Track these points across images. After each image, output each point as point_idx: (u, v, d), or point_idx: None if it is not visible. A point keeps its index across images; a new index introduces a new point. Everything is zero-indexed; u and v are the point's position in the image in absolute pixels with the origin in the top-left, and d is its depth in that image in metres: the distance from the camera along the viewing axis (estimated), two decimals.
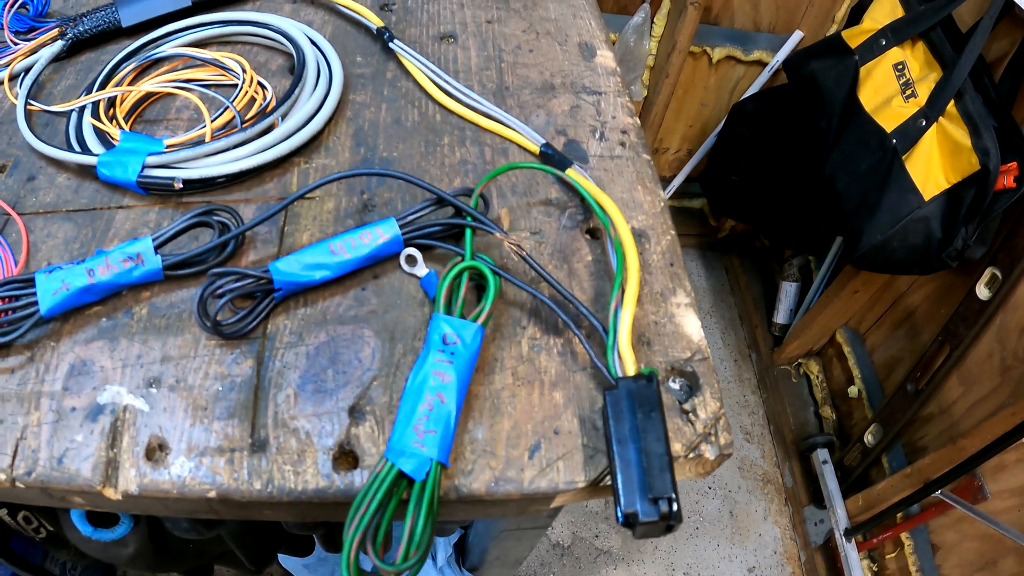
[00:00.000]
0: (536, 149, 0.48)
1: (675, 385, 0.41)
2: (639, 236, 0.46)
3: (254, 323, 0.40)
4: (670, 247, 0.46)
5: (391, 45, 0.53)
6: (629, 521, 0.33)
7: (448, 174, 0.47)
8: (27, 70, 0.55)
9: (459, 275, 0.39)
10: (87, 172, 0.49)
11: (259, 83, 0.51)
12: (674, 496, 0.33)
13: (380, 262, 0.42)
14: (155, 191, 0.47)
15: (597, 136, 0.51)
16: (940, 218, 0.97)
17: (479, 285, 0.41)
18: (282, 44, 0.54)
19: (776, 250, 1.50)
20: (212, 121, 0.48)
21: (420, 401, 0.35)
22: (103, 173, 0.47)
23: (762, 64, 1.25)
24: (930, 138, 0.97)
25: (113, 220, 0.46)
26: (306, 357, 0.39)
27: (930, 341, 1.06)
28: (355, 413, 0.37)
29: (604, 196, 0.43)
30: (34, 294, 0.40)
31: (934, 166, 0.97)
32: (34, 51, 0.56)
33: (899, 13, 1.03)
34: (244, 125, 0.47)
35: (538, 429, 0.38)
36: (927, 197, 0.97)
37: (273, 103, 0.49)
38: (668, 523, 0.33)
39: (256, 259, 0.43)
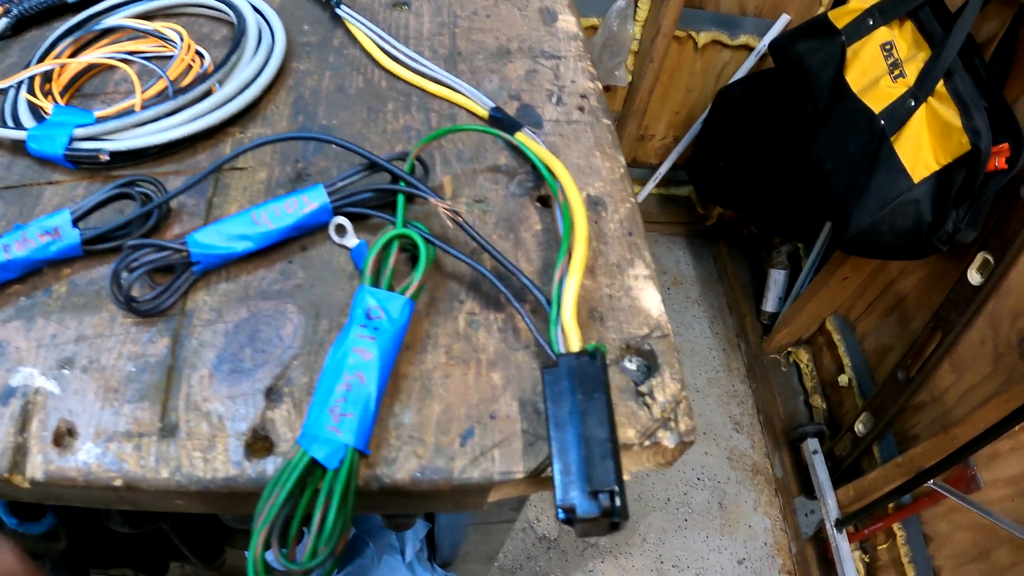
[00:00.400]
0: (485, 113, 0.44)
1: (630, 365, 0.37)
2: (595, 204, 0.41)
3: (171, 299, 0.36)
4: (629, 215, 0.42)
5: (338, 11, 0.49)
6: (568, 517, 0.29)
7: (389, 141, 0.43)
8: None
9: (388, 244, 0.35)
10: (19, 148, 0.45)
11: (197, 51, 0.47)
12: (617, 489, 0.29)
13: (309, 233, 0.38)
14: (84, 165, 0.43)
15: (554, 100, 0.46)
16: (930, 200, 0.92)
17: (414, 256, 0.37)
18: (227, 14, 0.50)
19: (764, 237, 1.46)
20: (144, 91, 0.44)
21: (338, 381, 0.31)
22: (32, 147, 0.43)
23: (749, 49, 1.21)
24: (919, 119, 0.92)
25: (41, 196, 0.43)
26: (224, 335, 0.35)
27: (921, 328, 1.01)
28: (272, 395, 0.33)
29: (554, 159, 0.39)
30: None
31: (924, 147, 0.92)
32: None
33: None
34: (176, 93, 0.43)
35: (472, 413, 0.33)
36: (917, 179, 0.92)
37: (211, 69, 0.45)
38: (611, 520, 0.28)
39: (182, 232, 0.39)
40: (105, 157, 0.42)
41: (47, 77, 0.48)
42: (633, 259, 0.40)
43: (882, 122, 0.93)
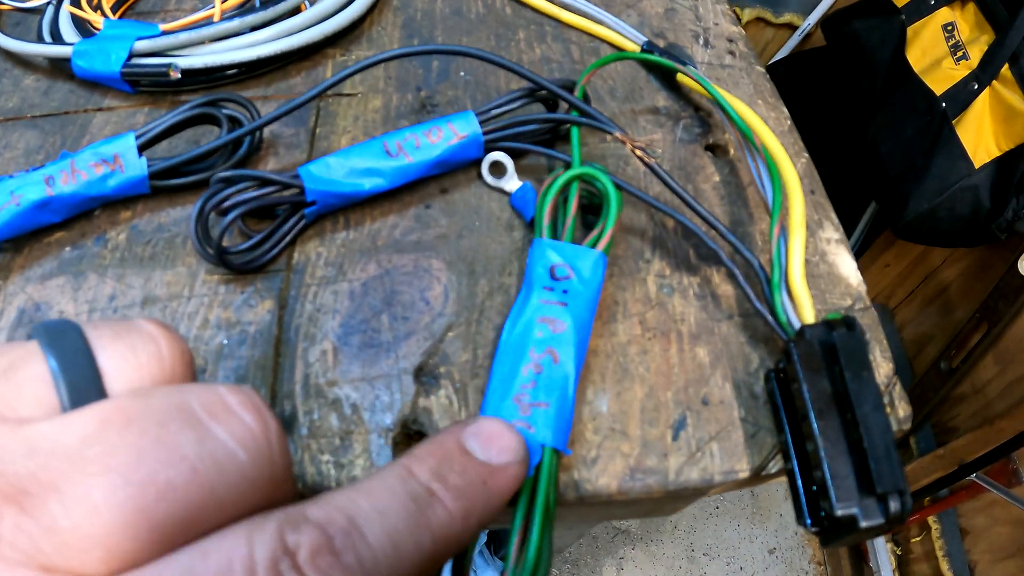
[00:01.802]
0: (636, 48, 0.34)
1: None
2: None
3: (276, 251, 0.26)
4: (807, 171, 0.33)
5: None
6: (840, 524, 0.21)
7: None
8: None
9: (567, 185, 0.26)
10: (61, 70, 0.35)
11: None
12: (905, 488, 0.21)
13: (450, 172, 0.29)
14: (145, 86, 0.33)
15: (701, 42, 0.37)
16: (990, 187, 0.85)
17: (588, 206, 0.27)
18: None
19: None
20: (223, 0, 0.34)
21: (524, 360, 0.22)
22: (78, 66, 0.33)
23: (792, 27, 1.12)
24: (982, 102, 0.85)
25: (89, 125, 0.33)
26: (350, 297, 0.25)
27: (964, 318, 0.95)
28: (423, 377, 0.24)
29: (737, 100, 0.30)
30: None
31: (985, 132, 0.85)
32: None
33: None
34: (264, 3, 0.33)
35: (681, 398, 0.25)
36: (977, 164, 0.85)
37: None
38: (894, 525, 0.21)
39: (278, 168, 0.30)
40: (176, 74, 0.31)
41: None
42: (821, 220, 0.31)
43: (944, 104, 0.86)
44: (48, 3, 0.38)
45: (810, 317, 0.24)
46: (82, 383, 0.12)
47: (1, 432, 0.11)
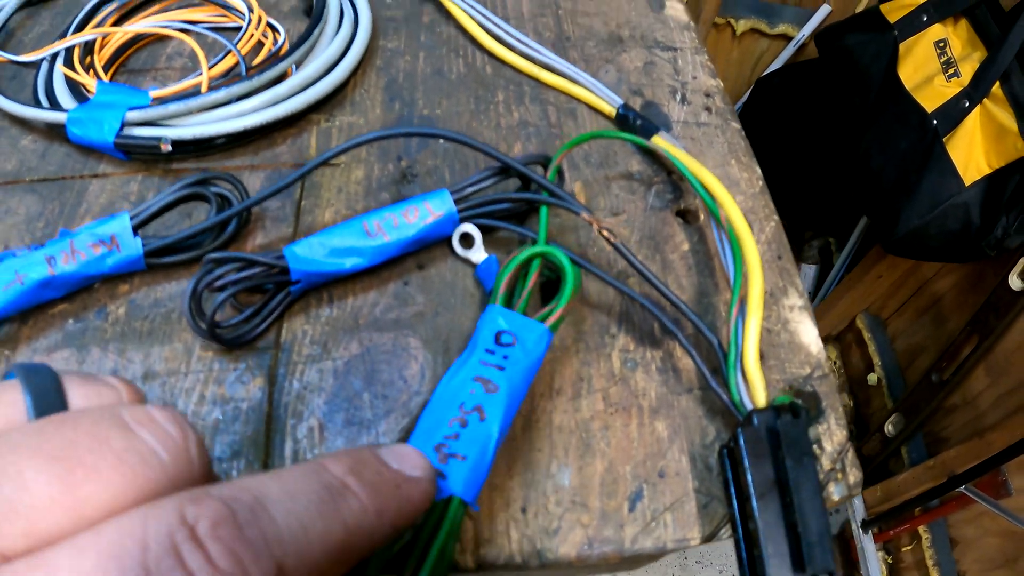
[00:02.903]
0: (611, 111, 0.36)
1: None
2: None
3: (264, 325, 0.29)
4: (775, 235, 0.35)
5: None
6: None
7: (506, 138, 0.36)
8: None
9: (528, 262, 0.28)
10: (56, 133, 0.37)
11: (269, 24, 0.39)
12: (833, 570, 0.24)
13: (426, 247, 0.31)
14: (138, 155, 0.35)
15: (678, 98, 0.39)
16: (980, 204, 0.87)
17: (548, 283, 0.30)
18: None
19: (795, 230, 1.40)
20: (210, 68, 0.36)
21: (452, 414, 0.24)
22: (73, 133, 0.35)
23: (787, 38, 1.14)
24: (973, 120, 0.87)
25: (86, 192, 0.35)
26: (334, 375, 0.28)
27: (956, 330, 0.97)
28: None
29: (705, 172, 0.32)
30: None
31: (976, 149, 0.87)
32: None
33: None
34: (250, 72, 0.35)
35: (639, 471, 0.27)
36: (968, 182, 0.87)
37: (286, 47, 0.37)
38: None
39: (265, 243, 0.32)
40: (167, 147, 0.34)
41: (88, 49, 0.40)
42: (786, 287, 0.33)
43: (935, 122, 0.88)
44: (42, 59, 0.40)
45: (761, 400, 0.26)
46: (49, 409, 0.15)
47: None
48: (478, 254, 0.30)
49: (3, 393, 0.15)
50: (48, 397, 0.15)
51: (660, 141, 0.34)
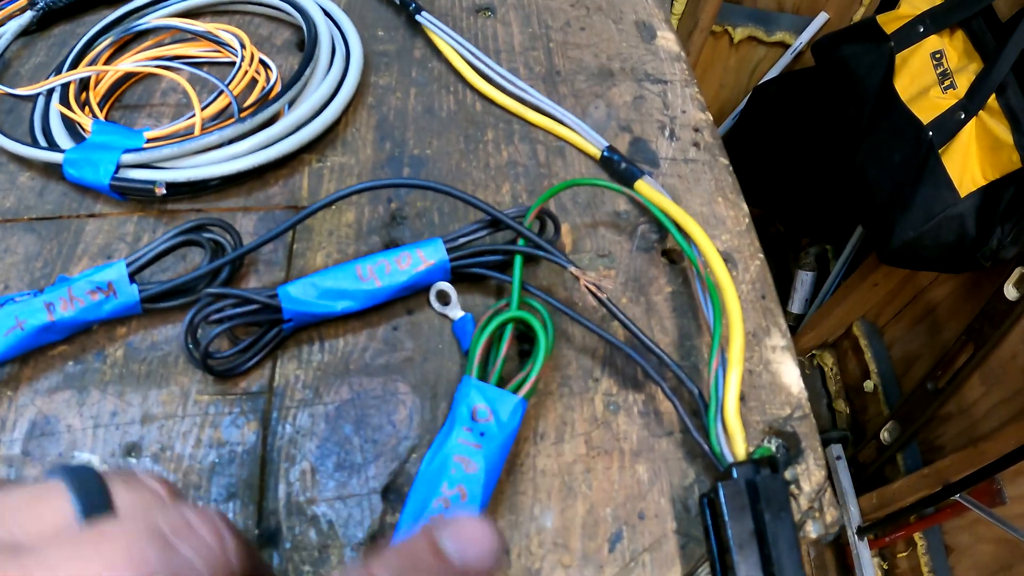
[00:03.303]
0: (597, 153, 0.37)
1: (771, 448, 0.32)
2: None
3: (254, 360, 0.30)
4: (760, 275, 0.36)
5: (418, 18, 0.42)
6: None
7: (495, 178, 0.37)
8: None
9: (501, 328, 0.29)
10: (53, 170, 0.38)
11: (261, 61, 0.40)
12: None
13: (416, 293, 0.32)
14: (133, 196, 0.36)
15: (667, 134, 0.40)
16: (975, 216, 0.88)
17: (525, 335, 0.31)
18: (288, 14, 0.43)
19: (792, 238, 1.41)
20: (203, 109, 0.37)
21: (436, 494, 0.25)
22: (70, 174, 0.36)
23: (784, 46, 1.14)
24: (968, 132, 0.87)
25: (83, 232, 0.36)
26: (325, 420, 0.29)
27: (951, 338, 0.98)
28: (390, 495, 0.28)
29: (689, 220, 0.33)
30: None
31: (971, 162, 0.87)
32: (0, 23, 0.45)
33: (938, 0, 0.93)
34: (243, 115, 0.36)
35: (619, 513, 0.28)
36: (963, 194, 0.87)
37: (278, 87, 0.38)
38: None
39: (258, 285, 0.33)
40: (162, 191, 0.35)
41: (83, 84, 0.41)
42: (769, 327, 0.35)
43: (930, 133, 0.88)
44: (39, 94, 0.41)
45: (741, 452, 0.27)
46: (96, 511, 0.16)
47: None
48: (455, 311, 0.31)
49: (51, 497, 0.15)
50: (94, 499, 0.16)
51: (643, 188, 0.35)
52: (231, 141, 0.36)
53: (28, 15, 0.45)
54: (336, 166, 0.37)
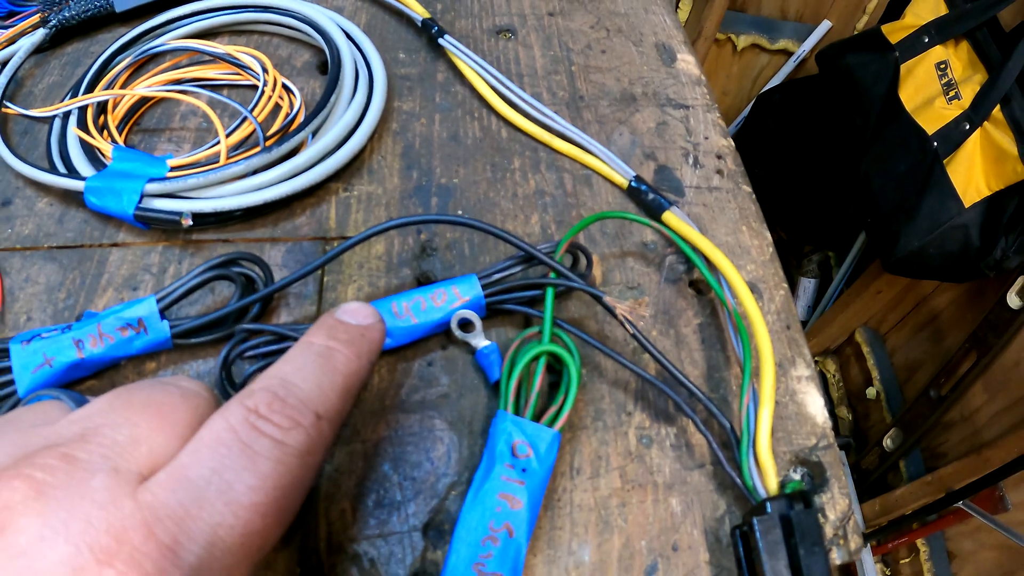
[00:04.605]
0: (624, 182, 0.38)
1: (796, 477, 0.33)
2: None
3: None
4: (784, 305, 0.37)
5: (441, 41, 0.43)
6: None
7: (523, 208, 0.37)
8: (3, 64, 0.43)
9: (534, 362, 0.30)
10: (73, 196, 0.38)
11: (284, 86, 0.40)
12: None
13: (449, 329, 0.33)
14: (157, 226, 0.36)
15: (691, 161, 0.41)
16: (979, 226, 0.90)
17: (551, 366, 0.31)
18: (309, 36, 0.43)
19: (795, 244, 1.43)
20: (228, 136, 0.37)
21: (483, 532, 0.26)
22: (92, 202, 0.36)
23: (787, 53, 1.16)
24: (973, 143, 0.89)
25: (107, 262, 0.36)
26: (363, 458, 0.30)
27: (954, 346, 1.00)
28: (431, 532, 0.28)
29: (719, 254, 0.34)
30: (9, 369, 0.30)
31: (976, 172, 0.89)
32: (12, 41, 0.45)
33: (943, 10, 0.94)
34: (268, 143, 0.36)
35: (654, 546, 0.29)
36: (967, 204, 0.89)
37: (302, 113, 0.39)
38: None
39: (289, 318, 0.33)
40: (188, 222, 0.35)
41: (100, 107, 0.41)
42: (794, 357, 0.35)
43: (935, 144, 0.90)
44: (55, 116, 0.41)
45: (773, 486, 0.28)
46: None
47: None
48: (478, 339, 0.32)
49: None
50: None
51: (670, 219, 0.36)
52: (256, 171, 0.36)
53: (41, 32, 0.45)
54: (363, 195, 0.37)
